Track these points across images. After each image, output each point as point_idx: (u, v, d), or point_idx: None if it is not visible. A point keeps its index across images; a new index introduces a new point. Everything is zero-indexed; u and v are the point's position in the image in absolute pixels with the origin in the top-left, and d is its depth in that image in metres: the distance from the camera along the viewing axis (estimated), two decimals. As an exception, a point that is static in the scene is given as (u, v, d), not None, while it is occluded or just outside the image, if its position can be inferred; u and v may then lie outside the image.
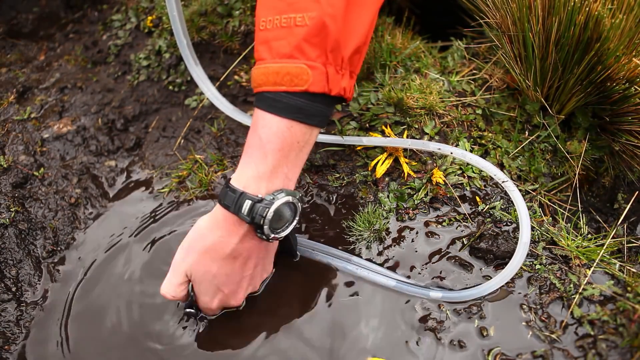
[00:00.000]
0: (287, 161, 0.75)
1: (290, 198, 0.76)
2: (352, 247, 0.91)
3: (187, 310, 0.83)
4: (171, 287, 0.79)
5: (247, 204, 0.73)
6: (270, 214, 0.73)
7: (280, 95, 0.72)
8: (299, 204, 0.79)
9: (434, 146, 0.89)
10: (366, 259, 0.89)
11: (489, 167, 0.86)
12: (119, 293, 0.91)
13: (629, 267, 0.80)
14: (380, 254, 0.89)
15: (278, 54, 0.72)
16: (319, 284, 0.88)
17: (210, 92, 1.10)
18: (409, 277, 0.86)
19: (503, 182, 0.85)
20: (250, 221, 0.73)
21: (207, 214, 0.79)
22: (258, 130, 0.74)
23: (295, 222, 0.81)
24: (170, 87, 1.28)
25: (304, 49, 0.71)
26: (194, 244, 0.78)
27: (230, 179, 0.76)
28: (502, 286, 0.81)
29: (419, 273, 0.86)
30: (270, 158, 0.73)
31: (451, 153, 0.88)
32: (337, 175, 1.00)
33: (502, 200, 0.91)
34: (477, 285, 0.81)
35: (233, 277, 0.80)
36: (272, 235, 0.77)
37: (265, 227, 0.74)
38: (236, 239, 0.76)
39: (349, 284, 0.87)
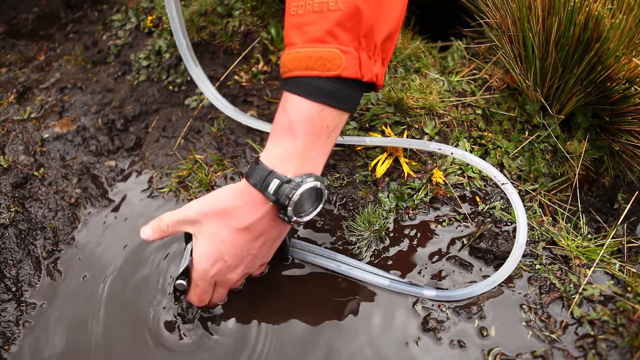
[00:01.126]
0: (316, 145, 0.74)
1: (318, 183, 0.74)
2: (352, 247, 0.91)
3: (178, 282, 0.79)
4: (171, 218, 0.78)
5: (275, 183, 0.72)
6: (296, 196, 0.72)
7: (312, 79, 0.71)
8: (326, 191, 0.78)
9: (434, 146, 0.89)
10: (368, 260, 0.89)
11: (488, 169, 0.86)
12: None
13: (629, 267, 0.80)
14: (380, 254, 0.89)
15: (310, 39, 0.71)
16: (314, 286, 0.88)
17: (209, 92, 1.10)
18: (401, 276, 0.86)
19: (502, 184, 0.85)
20: (275, 201, 0.73)
21: (231, 185, 0.77)
22: (287, 112, 0.73)
23: (319, 209, 0.79)
24: (170, 87, 1.28)
25: (336, 33, 0.70)
26: (213, 204, 0.76)
27: (259, 156, 0.76)
28: (499, 285, 0.81)
29: (419, 273, 0.86)
30: (300, 141, 0.73)
31: (451, 153, 0.88)
32: (337, 175, 1.00)
33: (502, 200, 0.91)
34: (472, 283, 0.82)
35: (239, 250, 0.77)
36: (294, 218, 0.75)
37: (289, 208, 0.73)
38: (257, 215, 0.75)
39: (345, 285, 0.87)
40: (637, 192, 1.01)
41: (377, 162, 0.95)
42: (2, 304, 0.90)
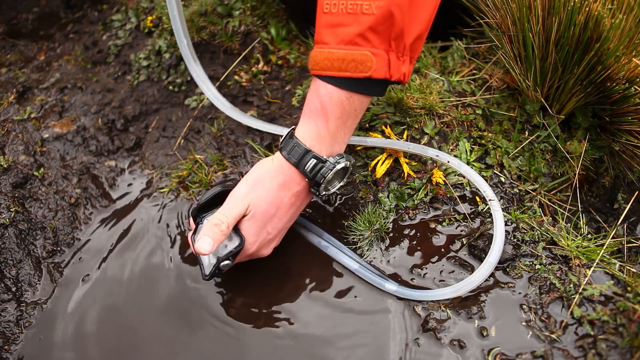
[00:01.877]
0: (345, 127, 0.81)
1: (348, 163, 0.83)
2: (352, 247, 0.91)
3: (226, 262, 0.80)
4: (231, 216, 0.80)
5: (312, 162, 0.79)
6: (331, 175, 0.80)
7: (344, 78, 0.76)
8: (351, 167, 0.87)
9: (432, 152, 0.89)
10: (370, 259, 0.89)
11: (480, 182, 0.86)
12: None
13: (629, 267, 0.80)
14: (380, 253, 0.89)
15: (343, 40, 0.74)
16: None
17: (210, 92, 1.10)
18: (395, 277, 0.86)
19: (490, 200, 0.85)
20: (311, 178, 0.80)
21: (269, 158, 0.84)
22: (320, 98, 0.78)
23: (344, 182, 0.88)
24: (170, 87, 1.28)
25: (369, 36, 0.73)
26: (264, 181, 0.82)
27: (293, 129, 0.82)
28: (499, 286, 0.81)
29: (419, 272, 0.86)
30: (332, 124, 0.79)
31: (448, 162, 0.88)
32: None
33: (501, 200, 0.91)
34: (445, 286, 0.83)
35: (281, 223, 0.84)
36: (324, 193, 0.84)
37: (322, 186, 0.81)
38: (297, 188, 0.83)
39: (349, 281, 0.87)
40: (637, 192, 1.01)
41: (377, 162, 0.95)
42: (2, 304, 0.90)
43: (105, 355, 0.85)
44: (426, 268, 0.86)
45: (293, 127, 0.83)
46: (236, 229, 0.82)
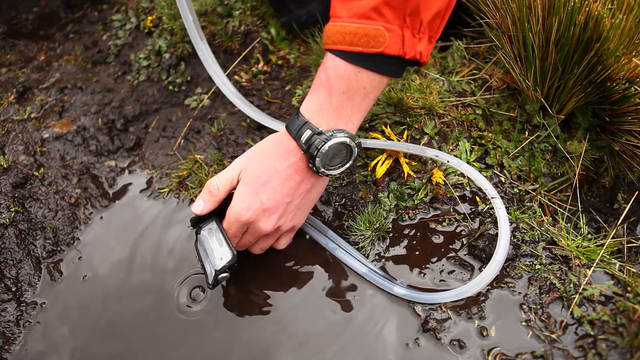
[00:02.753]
0: (352, 104, 0.78)
1: (348, 140, 0.79)
2: (354, 247, 0.91)
3: (224, 275, 0.81)
4: (221, 179, 0.82)
5: (307, 133, 0.77)
6: (325, 148, 0.77)
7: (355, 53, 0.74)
8: (356, 149, 0.82)
9: (431, 153, 0.89)
10: (372, 259, 0.89)
11: (481, 180, 0.86)
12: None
13: (629, 267, 0.80)
14: (380, 253, 0.89)
15: (356, 14, 0.73)
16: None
17: (211, 69, 1.09)
18: (383, 271, 0.86)
19: (492, 198, 0.85)
20: (306, 150, 0.78)
21: (272, 135, 0.84)
22: (327, 70, 0.76)
23: (348, 165, 0.84)
24: (170, 87, 1.28)
25: (382, 10, 0.71)
26: (256, 153, 0.82)
27: (300, 106, 0.81)
28: (499, 286, 0.81)
29: (419, 272, 0.86)
30: (335, 98, 0.77)
31: (447, 161, 0.88)
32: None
33: (502, 200, 0.91)
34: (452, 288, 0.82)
35: (277, 194, 0.81)
36: (322, 170, 0.80)
37: (318, 159, 0.78)
38: (290, 161, 0.80)
39: (350, 281, 0.87)
40: (637, 192, 1.01)
41: (377, 162, 0.95)
42: (2, 304, 0.90)
43: (105, 355, 0.85)
44: (426, 268, 0.86)
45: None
46: (230, 243, 0.82)
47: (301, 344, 0.81)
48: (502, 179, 0.94)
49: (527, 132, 1.00)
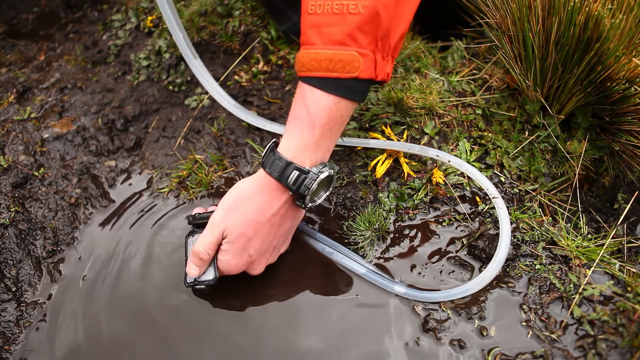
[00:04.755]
0: (331, 134, 0.79)
1: (332, 172, 0.81)
2: (352, 247, 0.91)
3: (198, 287, 0.84)
4: (207, 244, 0.81)
5: (294, 174, 0.77)
6: (315, 185, 0.77)
7: (331, 79, 0.75)
8: (335, 175, 0.84)
9: (432, 152, 0.89)
10: (371, 259, 0.89)
11: (482, 180, 0.86)
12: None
13: (629, 267, 0.80)
14: (380, 253, 0.89)
15: (330, 40, 0.74)
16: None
17: (212, 88, 1.10)
18: (383, 270, 0.86)
19: (493, 197, 0.85)
20: (295, 191, 0.78)
21: (250, 177, 0.82)
22: (306, 103, 0.76)
23: (329, 192, 0.86)
24: (170, 87, 1.28)
25: (356, 37, 0.72)
26: (238, 206, 0.80)
27: (275, 144, 0.80)
28: (499, 286, 0.81)
29: (419, 273, 0.86)
30: (317, 131, 0.77)
31: (448, 161, 0.88)
32: (337, 175, 1.00)
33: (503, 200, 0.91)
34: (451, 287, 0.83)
35: (264, 244, 0.82)
36: (309, 205, 0.82)
37: (307, 197, 0.79)
38: (278, 204, 0.80)
39: (349, 282, 0.87)
40: (637, 192, 1.01)
41: (377, 162, 0.95)
42: (2, 304, 0.90)
43: (105, 355, 0.85)
44: (426, 268, 0.86)
45: (274, 140, 0.81)
46: (216, 265, 0.83)
47: (299, 345, 0.81)
48: (502, 179, 0.94)
49: (527, 132, 1.00)
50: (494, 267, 0.80)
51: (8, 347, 0.86)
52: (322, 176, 0.78)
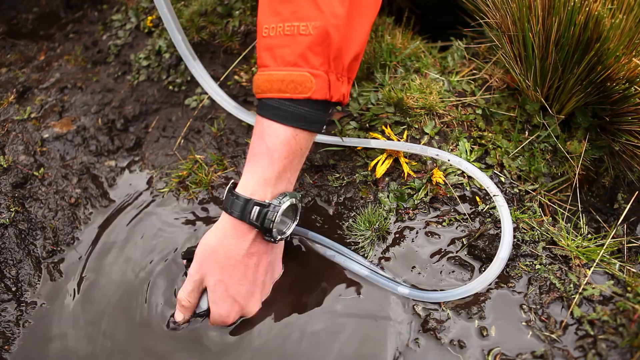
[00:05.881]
0: (291, 167, 0.79)
1: (293, 200, 0.80)
2: (352, 247, 0.91)
3: (195, 318, 0.85)
4: (187, 293, 0.82)
5: (256, 210, 0.76)
6: (278, 217, 0.76)
7: (285, 103, 0.75)
8: (300, 204, 0.83)
9: (432, 152, 0.90)
10: (372, 259, 0.89)
11: (482, 178, 0.86)
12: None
13: (629, 267, 0.80)
14: (380, 253, 0.89)
15: (282, 62, 0.74)
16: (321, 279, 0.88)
17: (207, 85, 1.10)
18: (380, 268, 0.86)
19: (494, 195, 0.85)
20: (260, 226, 0.77)
21: (213, 226, 0.81)
22: (265, 139, 0.76)
23: (296, 222, 0.85)
24: (170, 87, 1.28)
25: (308, 57, 0.73)
26: (207, 256, 0.80)
27: (233, 186, 0.79)
28: (499, 285, 0.81)
29: (419, 273, 0.86)
30: (277, 165, 0.77)
31: (448, 160, 0.88)
32: (337, 175, 1.00)
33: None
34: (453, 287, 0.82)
35: (245, 286, 0.81)
36: (279, 237, 0.80)
37: (274, 230, 0.78)
38: (246, 244, 0.79)
39: (350, 282, 0.87)
40: (637, 192, 1.01)
41: (377, 162, 0.95)
42: (2, 304, 0.90)
43: (105, 355, 0.85)
44: (426, 268, 0.86)
45: (232, 181, 0.81)
46: (206, 294, 0.83)
47: (302, 345, 0.81)
48: (502, 179, 0.94)
49: (527, 132, 1.00)
50: (498, 265, 0.80)
51: (8, 347, 0.86)
52: (284, 206, 0.77)
